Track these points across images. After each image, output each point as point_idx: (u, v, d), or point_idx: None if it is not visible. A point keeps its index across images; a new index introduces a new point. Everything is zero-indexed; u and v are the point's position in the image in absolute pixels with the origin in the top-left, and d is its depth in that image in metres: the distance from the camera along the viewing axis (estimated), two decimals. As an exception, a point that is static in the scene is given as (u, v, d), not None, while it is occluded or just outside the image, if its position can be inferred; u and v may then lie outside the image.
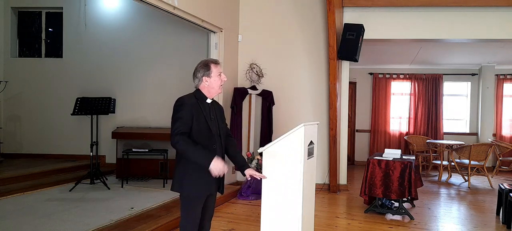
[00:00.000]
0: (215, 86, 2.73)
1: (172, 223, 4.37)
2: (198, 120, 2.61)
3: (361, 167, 9.04)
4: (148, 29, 7.54)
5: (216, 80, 2.73)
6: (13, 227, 4.01)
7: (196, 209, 2.65)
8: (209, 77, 2.70)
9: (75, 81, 7.76)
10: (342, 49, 6.07)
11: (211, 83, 2.71)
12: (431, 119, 9.47)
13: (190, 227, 2.66)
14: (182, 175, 2.62)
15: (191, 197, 2.63)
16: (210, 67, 2.71)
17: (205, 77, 2.70)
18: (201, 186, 2.63)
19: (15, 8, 8.12)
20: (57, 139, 7.83)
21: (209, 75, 2.70)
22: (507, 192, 4.70)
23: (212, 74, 2.71)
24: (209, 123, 2.67)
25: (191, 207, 2.64)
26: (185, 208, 2.65)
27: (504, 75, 9.35)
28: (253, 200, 5.85)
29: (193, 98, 2.67)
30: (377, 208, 5.21)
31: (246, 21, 6.92)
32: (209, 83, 2.71)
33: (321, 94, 6.68)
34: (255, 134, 6.73)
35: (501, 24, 6.19)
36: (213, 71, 2.71)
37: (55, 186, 5.95)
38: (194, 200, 2.64)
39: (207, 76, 2.70)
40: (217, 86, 2.75)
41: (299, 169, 3.17)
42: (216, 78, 2.73)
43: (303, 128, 3.17)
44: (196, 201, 2.65)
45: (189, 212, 2.64)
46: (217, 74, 2.73)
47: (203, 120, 2.64)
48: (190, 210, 2.64)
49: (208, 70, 2.70)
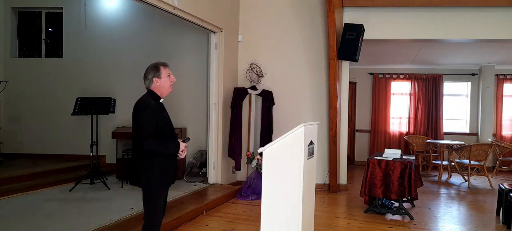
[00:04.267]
0: (165, 86, 2.97)
1: (172, 223, 4.38)
2: (159, 119, 2.87)
3: (361, 167, 9.04)
4: (148, 29, 7.54)
5: (166, 81, 2.96)
6: (13, 227, 4.01)
7: (160, 200, 2.95)
8: (159, 78, 2.93)
9: (75, 81, 7.76)
10: (342, 49, 6.07)
11: (161, 84, 2.95)
12: (431, 119, 9.47)
13: (157, 215, 2.95)
14: (149, 171, 2.87)
15: (158, 190, 2.92)
16: (160, 69, 2.94)
17: (156, 78, 2.93)
18: (165, 180, 2.95)
19: (15, 8, 8.12)
20: (57, 139, 7.83)
21: (159, 76, 2.93)
22: (507, 192, 4.71)
23: (161, 75, 2.94)
24: (167, 120, 2.98)
25: (156, 198, 2.92)
26: (151, 200, 2.91)
27: (504, 75, 9.35)
28: (253, 200, 5.85)
29: (151, 100, 2.90)
30: (377, 208, 5.21)
31: (246, 21, 6.93)
32: (160, 84, 2.94)
33: (321, 94, 6.68)
34: (255, 134, 6.73)
35: (501, 24, 6.19)
36: (163, 73, 2.95)
37: (55, 186, 5.94)
38: (158, 193, 2.93)
39: (157, 77, 2.93)
40: (168, 86, 2.98)
41: (299, 169, 3.17)
42: (166, 79, 2.96)
43: (303, 128, 3.17)
44: (161, 193, 2.96)
45: (157, 203, 2.92)
46: (166, 75, 2.97)
47: (162, 119, 2.92)
48: (158, 200, 2.93)
49: (158, 72, 2.93)
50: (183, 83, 7.22)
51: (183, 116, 7.21)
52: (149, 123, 2.79)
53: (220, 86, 6.38)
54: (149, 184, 2.89)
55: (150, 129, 2.78)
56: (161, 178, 2.91)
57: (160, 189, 2.94)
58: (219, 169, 6.43)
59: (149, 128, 2.78)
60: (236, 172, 6.83)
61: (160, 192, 2.94)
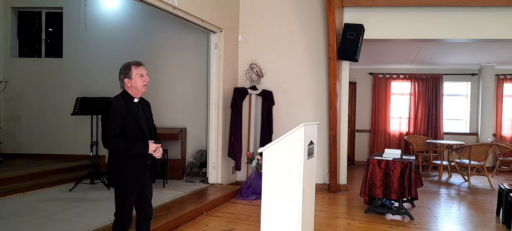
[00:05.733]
0: (137, 86, 2.92)
1: (172, 223, 4.38)
2: (128, 120, 2.84)
3: (361, 167, 9.04)
4: (148, 29, 7.54)
5: (137, 81, 2.91)
6: (13, 227, 4.01)
7: (130, 200, 2.96)
8: (130, 78, 2.90)
9: (75, 81, 7.77)
10: (342, 49, 6.07)
11: (132, 84, 2.91)
12: (431, 119, 9.47)
13: (125, 215, 2.94)
14: (117, 171, 2.89)
15: (126, 191, 2.92)
16: (131, 69, 2.91)
17: (126, 79, 2.91)
18: (134, 180, 2.93)
19: (15, 8, 8.12)
20: (57, 139, 7.84)
21: (130, 76, 2.90)
22: (507, 192, 4.70)
23: (132, 75, 2.90)
24: (138, 121, 2.91)
25: (126, 198, 2.93)
26: (121, 200, 2.93)
27: (504, 75, 9.35)
28: (253, 200, 5.85)
29: (121, 100, 2.88)
30: (377, 208, 5.21)
31: (246, 21, 6.92)
32: (131, 84, 2.91)
33: (321, 94, 6.68)
34: (255, 134, 6.73)
35: (501, 24, 6.19)
36: (134, 73, 2.91)
37: (55, 186, 5.94)
38: (128, 193, 2.93)
39: (128, 77, 2.90)
40: (140, 86, 2.93)
41: (299, 169, 3.17)
42: (137, 79, 2.91)
43: (303, 128, 3.17)
44: (130, 194, 2.94)
45: (124, 203, 2.93)
46: (138, 75, 2.91)
47: (133, 119, 2.87)
48: (125, 200, 2.93)
49: (129, 72, 2.90)
50: (183, 83, 7.24)
51: (183, 116, 7.22)
52: (112, 123, 2.77)
53: (220, 86, 6.37)
54: (118, 185, 2.91)
55: (113, 129, 2.77)
56: (131, 179, 2.90)
57: (130, 189, 2.93)
58: (219, 169, 6.43)
59: (111, 128, 2.77)
60: (236, 172, 6.83)
61: (130, 193, 2.94)
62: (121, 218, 2.95)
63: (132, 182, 2.92)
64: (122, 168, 2.88)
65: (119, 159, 2.88)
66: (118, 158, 2.88)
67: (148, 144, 2.90)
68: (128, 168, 2.88)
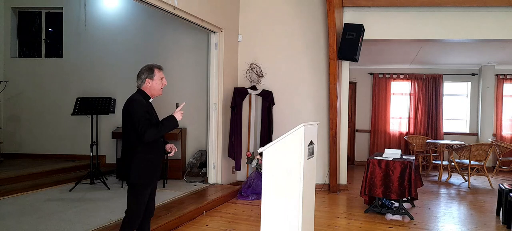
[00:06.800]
0: (156, 88, 3.08)
1: (172, 223, 4.38)
2: (150, 115, 2.99)
3: (361, 167, 9.05)
4: (148, 29, 7.54)
5: (158, 83, 3.08)
6: (13, 227, 4.01)
7: (145, 195, 3.05)
8: (152, 79, 3.05)
9: (75, 81, 7.77)
10: (342, 49, 6.07)
11: (153, 85, 3.06)
12: (431, 118, 9.47)
13: (139, 210, 3.02)
14: (138, 166, 2.96)
15: (143, 185, 3.01)
16: (154, 71, 3.06)
17: (148, 79, 3.04)
18: (154, 174, 3.07)
19: (15, 8, 8.12)
20: (57, 139, 7.84)
21: (152, 78, 3.05)
22: (507, 192, 4.70)
23: (155, 77, 3.05)
24: (156, 118, 3.11)
25: (141, 193, 3.01)
26: (137, 195, 3.00)
27: (504, 75, 9.35)
28: (253, 200, 5.85)
29: (142, 98, 3.02)
30: (377, 208, 5.21)
31: (246, 21, 6.93)
32: (151, 85, 3.05)
33: (321, 94, 6.67)
34: (255, 134, 6.73)
35: (501, 24, 6.19)
36: (156, 75, 3.06)
37: (55, 186, 5.94)
38: (145, 188, 3.03)
39: (150, 78, 3.05)
40: (158, 88, 3.10)
41: (299, 169, 3.17)
42: (158, 82, 3.08)
43: (303, 128, 3.17)
44: (146, 188, 3.04)
45: (139, 198, 3.01)
46: (159, 78, 3.08)
47: (152, 117, 3.04)
48: (141, 196, 3.01)
49: (152, 73, 3.05)
50: (183, 83, 7.23)
51: (183, 115, 7.20)
52: (144, 117, 2.89)
53: (220, 86, 6.37)
54: (138, 179, 2.97)
55: (146, 123, 2.89)
56: (149, 174, 3.02)
57: (147, 184, 3.02)
58: (219, 169, 6.43)
59: (144, 122, 2.88)
60: (236, 172, 6.83)
61: (146, 188, 3.03)
62: (134, 214, 3.00)
63: (153, 176, 3.05)
64: (142, 164, 2.97)
65: (139, 154, 2.95)
66: (138, 153, 2.95)
67: (173, 115, 3.07)
68: (148, 163, 2.99)
